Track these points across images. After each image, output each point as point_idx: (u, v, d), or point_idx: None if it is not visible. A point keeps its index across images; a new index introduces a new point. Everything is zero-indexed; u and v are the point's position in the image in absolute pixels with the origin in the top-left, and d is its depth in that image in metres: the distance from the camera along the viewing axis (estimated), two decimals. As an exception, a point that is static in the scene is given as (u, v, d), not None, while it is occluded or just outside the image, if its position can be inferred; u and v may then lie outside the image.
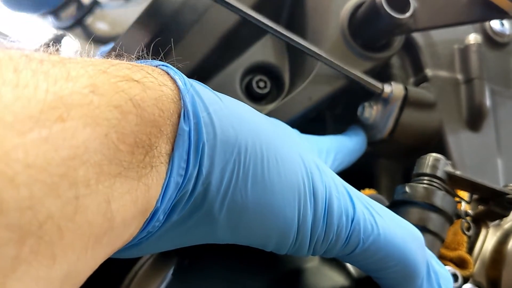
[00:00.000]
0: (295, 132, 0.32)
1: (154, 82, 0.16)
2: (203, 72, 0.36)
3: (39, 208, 0.11)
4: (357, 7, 0.36)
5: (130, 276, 0.27)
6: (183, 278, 0.25)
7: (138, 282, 0.26)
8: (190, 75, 0.36)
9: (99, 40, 0.71)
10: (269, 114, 0.36)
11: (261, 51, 0.38)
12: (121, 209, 0.14)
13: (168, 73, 0.18)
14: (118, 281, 0.27)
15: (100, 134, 0.13)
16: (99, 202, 0.13)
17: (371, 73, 0.37)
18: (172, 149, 0.16)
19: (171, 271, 0.25)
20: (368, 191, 0.36)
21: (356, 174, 0.33)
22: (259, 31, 0.39)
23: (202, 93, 0.19)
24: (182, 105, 0.17)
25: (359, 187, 0.33)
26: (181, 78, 0.18)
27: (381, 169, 0.40)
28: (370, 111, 0.37)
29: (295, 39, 0.32)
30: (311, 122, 0.39)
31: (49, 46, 0.15)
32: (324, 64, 0.35)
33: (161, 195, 0.16)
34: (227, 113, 0.19)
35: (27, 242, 0.11)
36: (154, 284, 0.25)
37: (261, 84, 0.38)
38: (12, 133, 0.11)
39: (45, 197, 0.11)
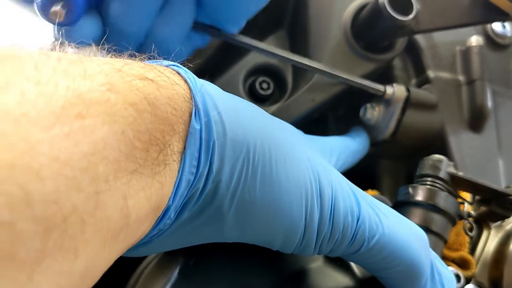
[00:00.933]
0: (299, 133, 0.32)
1: (167, 81, 0.17)
2: (207, 73, 0.36)
3: (64, 202, 0.11)
4: (360, 9, 0.37)
5: (136, 275, 0.27)
6: (189, 278, 0.25)
7: (143, 281, 0.26)
8: (196, 75, 0.36)
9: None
10: (272, 115, 0.36)
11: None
12: (136, 205, 0.14)
13: (179, 73, 0.18)
14: (124, 280, 0.27)
15: (117, 131, 0.13)
16: (117, 198, 0.13)
17: (374, 74, 0.37)
18: (184, 147, 0.17)
19: (176, 271, 0.25)
20: (370, 192, 0.36)
21: (359, 175, 0.33)
22: (262, 34, 0.39)
23: (212, 92, 0.19)
24: (193, 104, 0.17)
25: (362, 188, 0.33)
26: (191, 77, 0.18)
27: (384, 170, 0.40)
28: (372, 112, 0.37)
29: (285, 55, 0.33)
30: (313, 123, 0.39)
31: (63, 44, 0.15)
32: (327, 65, 0.35)
33: (173, 193, 0.17)
34: (236, 112, 0.19)
35: (52, 235, 0.11)
36: (160, 284, 0.26)
37: (264, 86, 0.38)
38: (36, 128, 0.11)
39: (69, 191, 0.11)
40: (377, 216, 0.22)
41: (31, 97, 0.12)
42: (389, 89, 0.36)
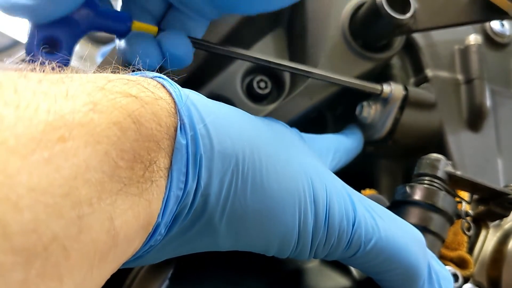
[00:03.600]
0: (294, 132, 0.32)
1: (151, 96, 0.16)
2: (204, 72, 0.36)
3: (44, 230, 0.11)
4: (358, 7, 0.36)
5: (132, 276, 0.27)
6: (184, 278, 0.25)
7: (139, 282, 0.26)
8: (191, 76, 0.36)
9: (99, 40, 0.71)
10: (270, 114, 0.36)
11: (261, 52, 0.38)
12: (124, 225, 0.14)
13: (163, 86, 0.18)
14: (120, 281, 0.27)
15: (100, 152, 0.13)
16: (102, 220, 0.13)
17: (372, 73, 0.37)
18: (171, 163, 0.16)
19: (171, 271, 0.25)
20: (368, 191, 0.36)
21: (357, 174, 0.33)
22: (260, 32, 0.39)
23: (198, 104, 0.18)
24: (178, 118, 0.17)
25: (360, 187, 0.33)
26: (176, 90, 0.18)
27: (382, 169, 0.40)
28: (369, 111, 0.37)
29: (274, 61, 0.32)
30: (311, 123, 0.39)
31: (44, 64, 0.15)
32: (325, 64, 0.35)
33: (162, 209, 0.16)
34: (224, 123, 0.19)
35: (34, 265, 0.11)
36: (155, 284, 0.26)
37: (262, 85, 0.38)
38: (15, 157, 0.11)
39: (49, 219, 0.11)
40: (373, 219, 0.22)
41: (10, 122, 0.11)
42: (386, 88, 0.35)
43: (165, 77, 0.19)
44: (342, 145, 0.35)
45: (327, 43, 0.36)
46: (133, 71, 0.19)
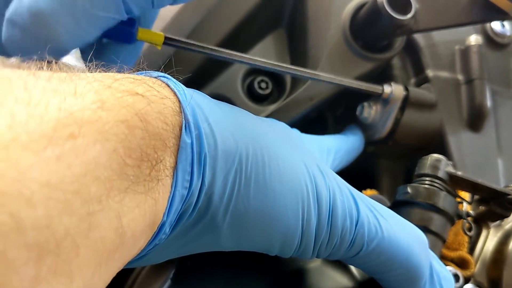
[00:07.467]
0: (295, 133, 0.32)
1: (157, 95, 0.16)
2: (206, 73, 0.36)
3: (56, 226, 0.11)
4: (359, 8, 0.36)
5: (133, 276, 0.27)
6: (185, 279, 0.25)
7: (141, 282, 0.26)
8: (193, 77, 0.36)
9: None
10: (271, 114, 0.36)
11: (262, 52, 0.38)
12: (131, 223, 0.14)
13: (168, 85, 0.18)
14: (122, 281, 0.27)
15: (109, 150, 0.13)
16: (110, 218, 0.13)
17: (372, 74, 0.37)
18: (176, 162, 0.17)
19: (173, 272, 0.25)
20: (369, 191, 0.36)
21: (358, 175, 0.33)
22: (261, 33, 0.39)
23: (202, 104, 0.19)
24: (183, 117, 0.17)
25: (361, 187, 0.34)
26: (181, 89, 0.18)
27: (383, 169, 0.40)
28: (369, 111, 0.37)
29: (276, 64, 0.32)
30: (312, 123, 0.39)
31: (50, 63, 0.15)
32: (326, 65, 0.35)
33: (167, 208, 0.16)
34: (227, 122, 0.19)
35: (45, 261, 0.11)
36: (157, 284, 0.26)
37: (263, 85, 0.38)
38: (27, 153, 0.11)
39: (61, 215, 0.11)
40: (376, 219, 0.22)
41: (21, 119, 0.11)
42: (387, 88, 0.36)
43: (169, 76, 0.19)
44: (343, 145, 0.35)
45: (328, 44, 0.36)
46: (137, 70, 0.19)
